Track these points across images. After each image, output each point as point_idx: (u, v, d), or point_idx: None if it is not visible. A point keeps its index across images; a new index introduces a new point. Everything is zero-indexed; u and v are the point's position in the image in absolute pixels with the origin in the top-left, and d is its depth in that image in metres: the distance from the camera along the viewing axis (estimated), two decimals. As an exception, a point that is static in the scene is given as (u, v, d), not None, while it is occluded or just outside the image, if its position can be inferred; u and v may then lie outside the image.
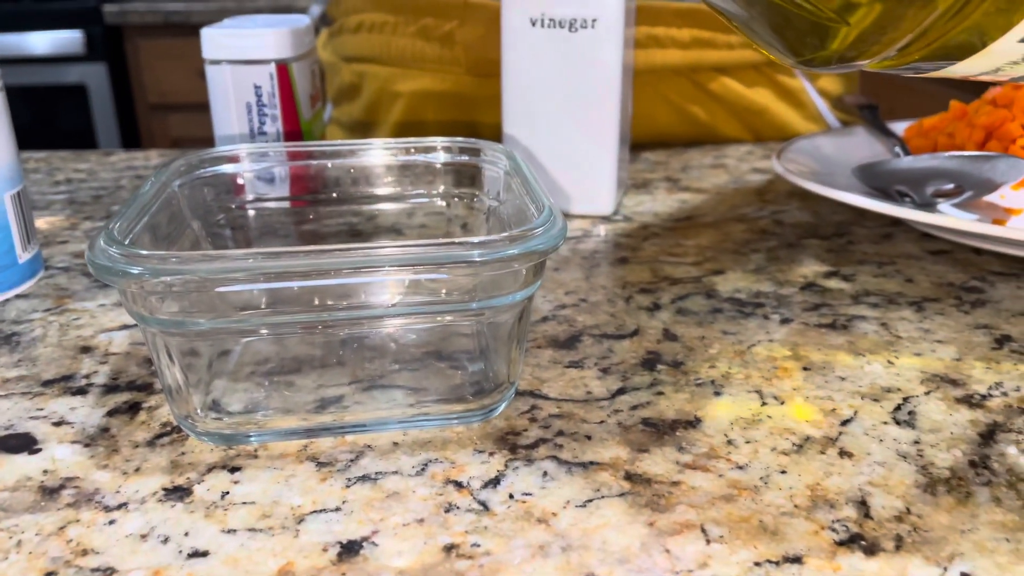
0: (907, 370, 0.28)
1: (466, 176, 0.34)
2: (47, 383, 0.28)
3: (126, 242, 0.23)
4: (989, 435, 0.25)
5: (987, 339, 0.31)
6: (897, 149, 0.47)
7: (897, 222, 0.42)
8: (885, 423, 0.25)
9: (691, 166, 0.54)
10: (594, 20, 0.41)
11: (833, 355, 0.29)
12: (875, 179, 0.40)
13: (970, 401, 0.27)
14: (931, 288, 0.35)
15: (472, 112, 0.60)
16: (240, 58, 0.41)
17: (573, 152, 0.43)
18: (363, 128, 0.66)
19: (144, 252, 0.22)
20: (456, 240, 0.23)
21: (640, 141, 0.60)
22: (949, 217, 0.35)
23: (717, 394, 0.27)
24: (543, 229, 0.23)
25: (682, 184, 0.50)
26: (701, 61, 0.57)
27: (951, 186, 0.39)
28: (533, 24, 0.41)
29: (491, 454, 0.24)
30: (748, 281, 0.36)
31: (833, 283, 0.36)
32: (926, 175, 0.38)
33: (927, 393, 0.27)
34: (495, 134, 0.60)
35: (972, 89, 1.08)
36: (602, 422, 0.25)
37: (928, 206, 0.39)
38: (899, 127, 0.52)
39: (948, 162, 0.38)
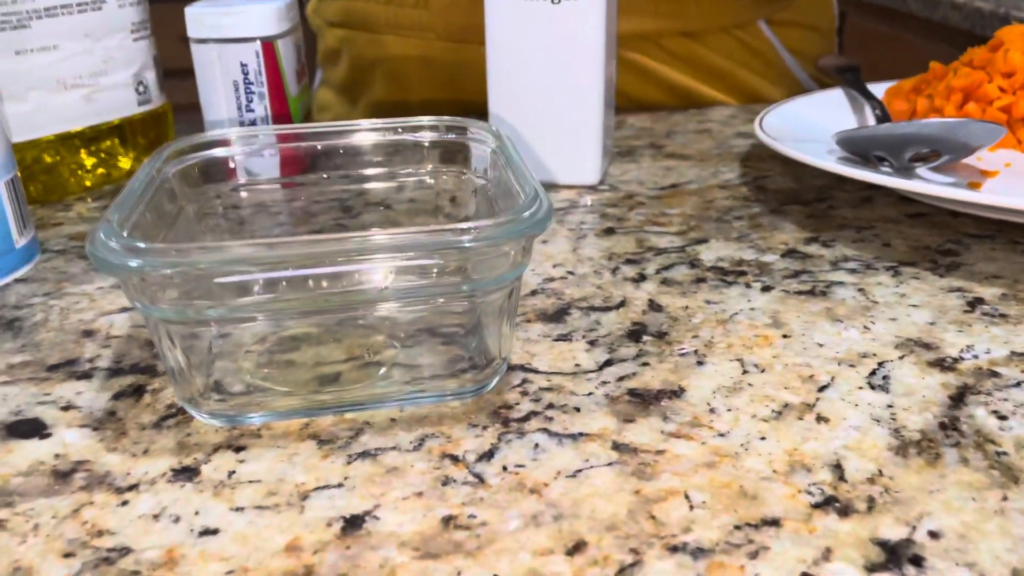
0: (882, 335, 0.30)
1: (454, 153, 0.35)
2: (52, 368, 0.29)
3: (125, 233, 0.24)
4: (959, 398, 0.26)
5: (960, 302, 0.32)
6: (877, 113, 0.47)
7: (877, 186, 0.43)
8: (860, 388, 0.27)
9: (676, 131, 0.55)
10: (577, -9, 0.41)
11: (812, 322, 0.31)
12: (854, 145, 0.41)
13: (942, 364, 0.28)
14: (908, 252, 0.36)
15: (449, 78, 0.60)
16: (225, 37, 0.42)
17: (558, 123, 0.44)
18: (348, 91, 0.67)
19: (143, 245, 0.22)
20: (446, 227, 0.23)
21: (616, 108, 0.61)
22: (924, 183, 0.36)
23: (700, 364, 0.28)
24: (530, 212, 0.24)
25: (667, 151, 0.51)
26: (667, 27, 0.58)
27: (928, 151, 0.39)
28: (516, -4, 0.42)
29: (484, 428, 0.25)
30: (731, 249, 0.37)
31: (813, 249, 0.37)
32: (904, 141, 0.39)
33: (901, 358, 0.28)
34: (473, 101, 0.60)
35: (957, 43, 1.08)
36: (590, 394, 0.27)
37: (906, 170, 0.40)
38: (879, 88, 0.52)
39: (925, 128, 0.39)
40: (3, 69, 0.41)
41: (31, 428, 0.26)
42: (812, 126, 0.47)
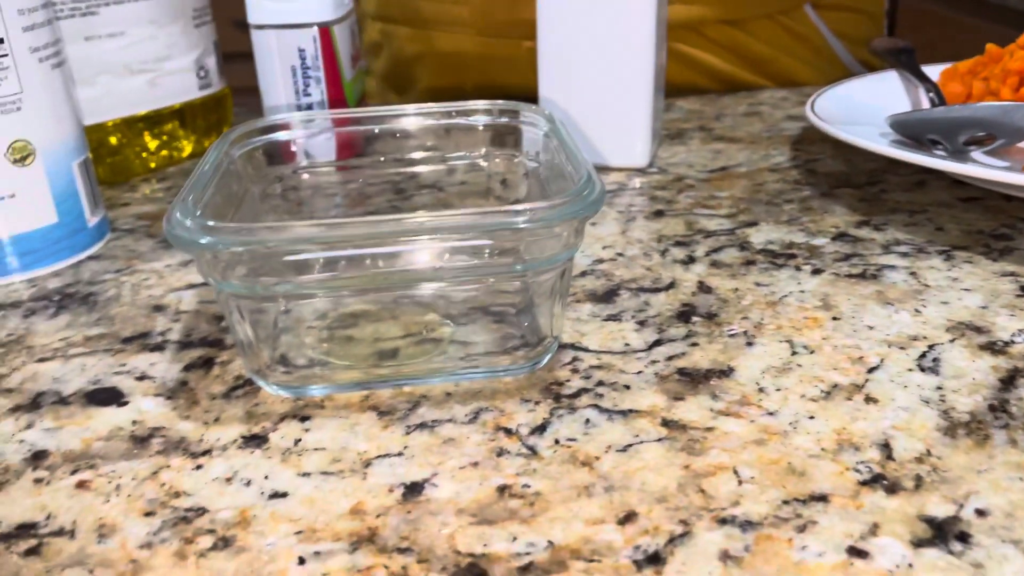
0: (933, 318, 0.30)
1: (506, 137, 0.35)
2: (126, 340, 0.30)
3: (198, 213, 0.25)
4: (1010, 380, 0.26)
5: (1013, 287, 0.32)
6: (932, 96, 0.47)
7: (930, 170, 0.43)
8: (910, 370, 0.27)
9: (725, 114, 0.55)
10: (628, -25, 0.41)
11: (862, 304, 0.31)
12: (908, 128, 0.40)
13: (993, 348, 0.28)
14: (960, 236, 0.36)
15: (486, 73, 0.61)
16: (283, 23, 0.43)
17: (608, 106, 0.44)
18: (390, 81, 0.68)
19: (215, 224, 0.24)
20: (501, 208, 0.24)
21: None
22: (978, 167, 0.36)
23: (749, 344, 0.28)
24: (583, 194, 0.25)
25: (716, 133, 0.51)
26: (711, 15, 0.57)
27: (983, 134, 0.39)
28: (568, -20, 0.42)
29: (537, 403, 0.26)
30: (781, 232, 0.37)
31: (864, 232, 0.37)
32: (959, 124, 0.39)
33: (952, 341, 0.28)
34: (510, 93, 0.61)
35: (1014, 24, 1.05)
36: (640, 372, 0.27)
37: (960, 154, 0.40)
38: (934, 71, 0.52)
39: (980, 111, 0.38)
40: (74, 54, 0.43)
41: (109, 396, 0.27)
42: (864, 109, 0.46)
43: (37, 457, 0.24)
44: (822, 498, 0.22)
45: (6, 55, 0.33)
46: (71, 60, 0.43)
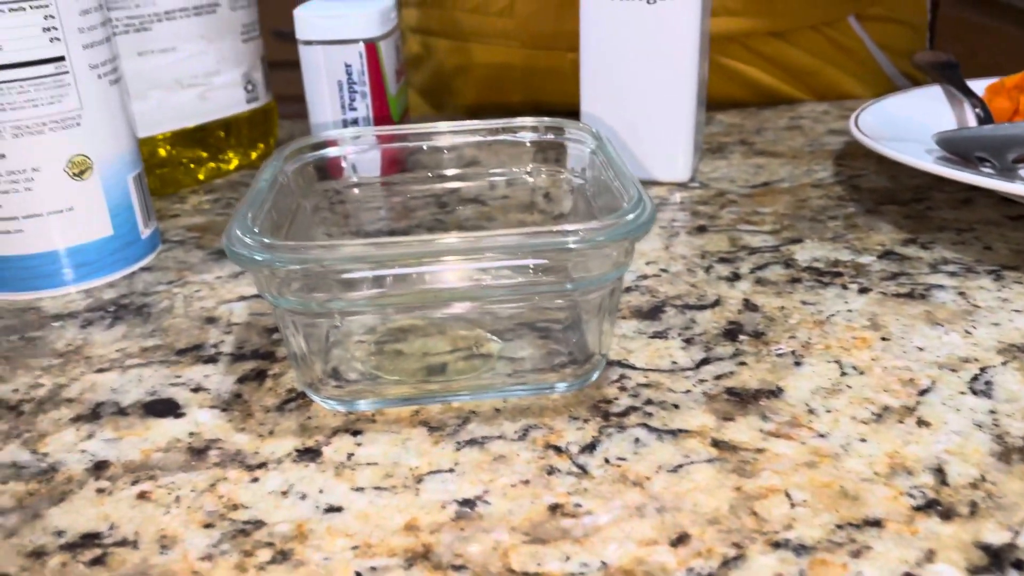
0: (984, 340, 0.29)
1: (551, 153, 0.36)
2: (181, 352, 0.31)
3: (255, 229, 0.26)
4: (1065, 405, 0.26)
5: (1066, 309, 0.31)
6: (978, 111, 0.46)
7: (977, 187, 0.43)
8: (962, 393, 0.27)
9: (766, 128, 0.55)
10: (673, -9, 0.41)
11: (911, 325, 0.31)
12: (955, 146, 0.40)
13: (1047, 371, 0.28)
14: (1010, 256, 0.35)
15: (530, 85, 0.61)
16: (330, 38, 0.43)
17: (650, 121, 0.44)
18: (431, 95, 0.68)
19: (272, 241, 0.24)
20: (552, 228, 0.24)
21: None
22: (1031, 185, 0.35)
23: (797, 364, 0.28)
24: (634, 215, 0.25)
25: (757, 148, 0.51)
26: (755, 27, 0.57)
27: (1034, 152, 0.39)
28: (612, -4, 0.42)
29: (585, 421, 0.26)
30: (826, 250, 0.37)
31: (911, 251, 0.36)
32: (1007, 142, 0.38)
33: (1004, 363, 0.28)
34: (552, 106, 0.61)
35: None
36: (688, 391, 0.27)
37: (1009, 171, 0.39)
38: (979, 85, 0.51)
39: (1031, 129, 0.38)
40: (127, 69, 0.44)
41: (166, 407, 0.28)
42: (909, 124, 0.46)
43: (99, 467, 0.25)
44: (876, 523, 0.22)
45: (67, 72, 0.34)
46: (125, 75, 0.44)
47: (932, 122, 0.46)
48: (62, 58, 0.34)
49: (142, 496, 0.24)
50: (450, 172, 0.37)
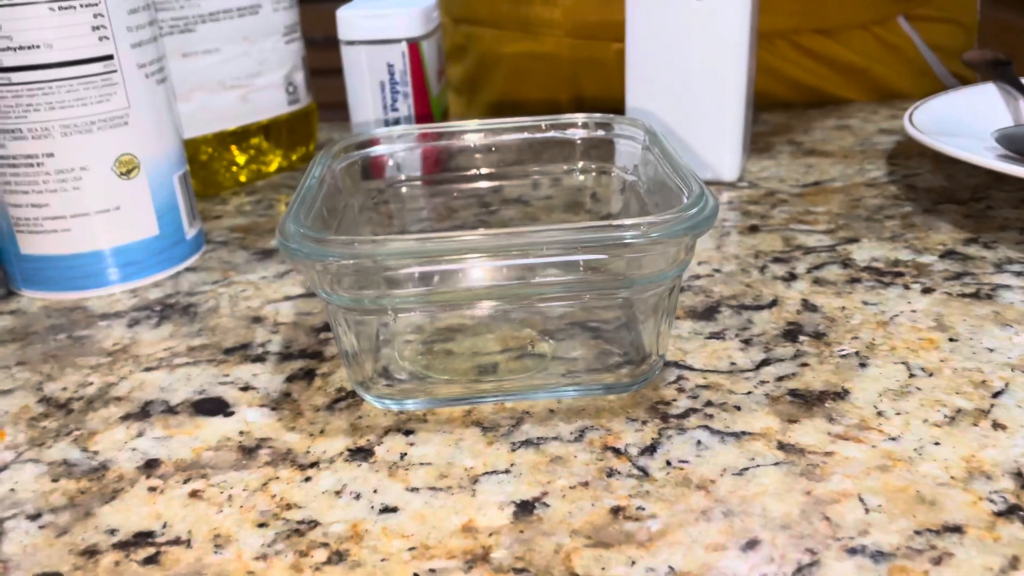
0: (1058, 341, 0.28)
1: (599, 150, 0.35)
2: (228, 351, 0.31)
3: (308, 225, 0.25)
4: None
5: None
6: (1038, 108, 0.45)
7: (1038, 185, 0.41)
8: (1038, 396, 0.25)
9: (814, 127, 0.54)
10: (722, -13, 0.40)
11: (979, 326, 0.29)
12: (1016, 143, 0.39)
13: None
14: (1079, 255, 0.34)
15: (572, 75, 0.61)
16: (374, 38, 0.43)
17: (697, 119, 0.43)
18: (466, 89, 0.68)
19: (325, 236, 0.24)
20: (610, 223, 0.24)
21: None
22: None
23: (863, 365, 0.27)
24: (698, 209, 0.24)
25: (806, 147, 0.50)
26: (805, 24, 0.56)
27: (1101, 148, 0.37)
28: (659, -7, 0.42)
29: (644, 422, 0.25)
30: (884, 249, 0.36)
31: (974, 250, 0.35)
32: (1075, 137, 0.37)
33: (1081, 365, 0.27)
34: (596, 97, 0.61)
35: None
36: (749, 393, 0.26)
37: (1075, 169, 0.38)
38: (1037, 83, 0.50)
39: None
40: (172, 70, 0.44)
41: (216, 406, 0.27)
42: (962, 122, 0.45)
43: (150, 465, 0.25)
44: (956, 529, 0.21)
45: (115, 71, 0.34)
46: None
47: (986, 120, 0.44)
48: (111, 57, 0.34)
49: (194, 495, 0.23)
50: (494, 171, 0.36)
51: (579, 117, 0.35)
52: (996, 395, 0.26)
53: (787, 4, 0.56)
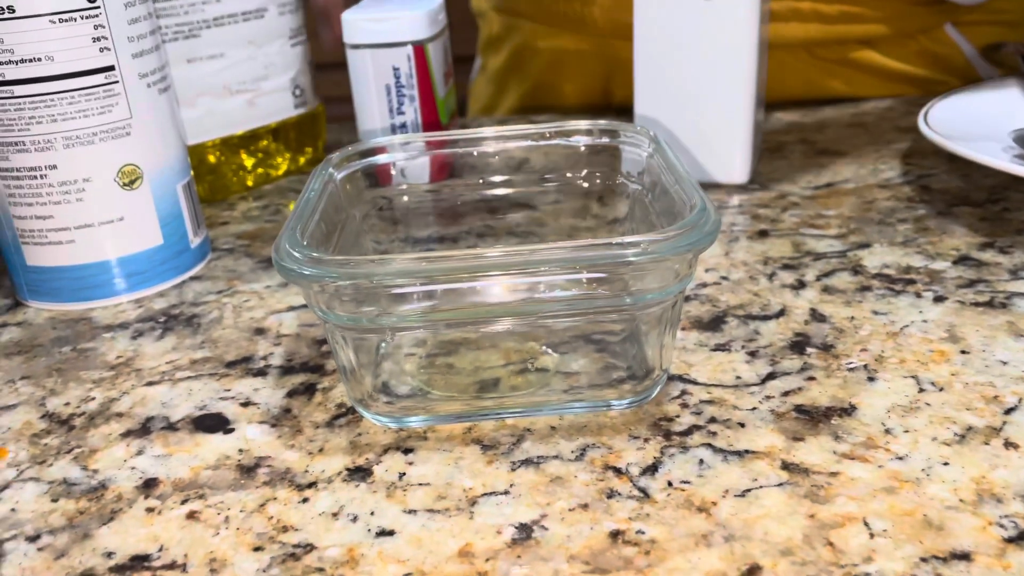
0: (1075, 354, 0.27)
1: (605, 156, 0.34)
2: (230, 364, 0.31)
3: (305, 242, 0.25)
4: None
5: None
6: (1058, 105, 0.44)
7: (1058, 185, 0.40)
8: (1052, 412, 0.25)
9: (827, 126, 0.53)
10: (731, -14, 0.40)
11: (993, 337, 0.29)
12: (1035, 142, 0.38)
13: None
14: (1099, 261, 0.33)
15: (604, 74, 0.60)
16: (379, 41, 0.43)
17: (707, 121, 0.43)
18: (502, 80, 0.67)
19: (321, 256, 0.23)
20: (612, 240, 0.23)
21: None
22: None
23: (871, 380, 0.27)
24: (698, 226, 0.24)
25: (819, 147, 0.49)
26: (848, 34, 0.55)
27: (1123, 149, 0.36)
28: (667, -8, 0.41)
29: (646, 440, 0.25)
30: (896, 255, 0.35)
31: (989, 256, 0.34)
32: (1095, 138, 0.36)
33: (1098, 379, 0.26)
34: (624, 97, 0.60)
35: None
36: (754, 409, 0.26)
37: (1095, 170, 0.37)
38: (1059, 78, 0.48)
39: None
40: (176, 77, 0.44)
41: (216, 423, 0.27)
42: (982, 120, 0.44)
43: (148, 485, 0.25)
44: (964, 556, 0.20)
45: (116, 82, 0.34)
46: (174, 82, 0.44)
47: (1006, 118, 0.43)
48: (112, 68, 0.33)
49: (191, 516, 0.23)
50: (500, 178, 0.36)
51: (585, 123, 0.34)
52: (1008, 411, 0.25)
53: (829, 15, 0.54)
